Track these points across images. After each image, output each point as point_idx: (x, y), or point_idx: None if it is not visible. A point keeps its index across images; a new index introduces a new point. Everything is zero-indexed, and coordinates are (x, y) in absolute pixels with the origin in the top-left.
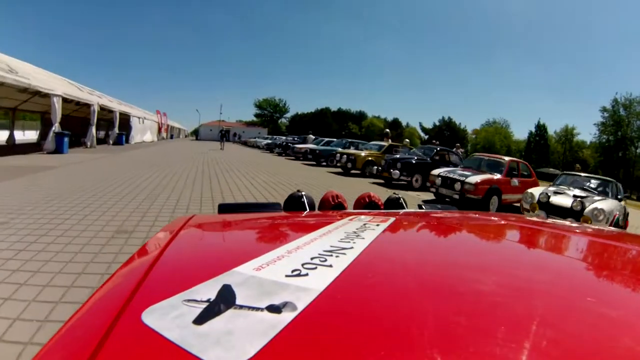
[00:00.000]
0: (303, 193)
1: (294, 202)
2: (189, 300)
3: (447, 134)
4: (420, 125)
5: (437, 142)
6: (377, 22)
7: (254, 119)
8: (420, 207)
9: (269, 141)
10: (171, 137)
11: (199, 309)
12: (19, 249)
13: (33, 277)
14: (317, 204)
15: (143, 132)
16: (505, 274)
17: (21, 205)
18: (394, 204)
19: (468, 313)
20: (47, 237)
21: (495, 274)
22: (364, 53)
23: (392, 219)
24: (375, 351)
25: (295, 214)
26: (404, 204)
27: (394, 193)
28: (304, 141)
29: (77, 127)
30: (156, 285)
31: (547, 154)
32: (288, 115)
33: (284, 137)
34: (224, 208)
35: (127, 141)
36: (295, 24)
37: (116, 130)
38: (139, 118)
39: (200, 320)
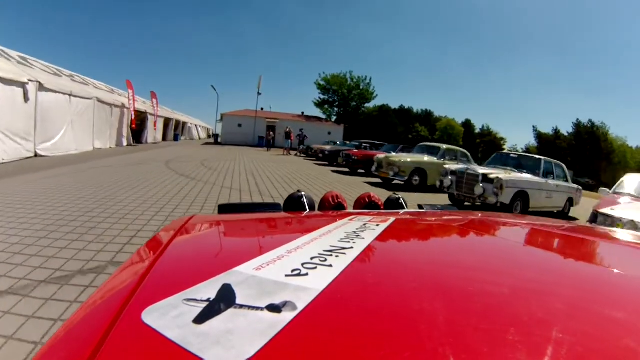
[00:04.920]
0: (303, 193)
1: (294, 203)
2: (189, 300)
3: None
4: (535, 129)
5: None
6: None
7: (306, 112)
8: (420, 207)
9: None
10: (175, 138)
11: (199, 308)
12: None
13: None
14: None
15: (50, 127)
16: (506, 274)
17: None
18: (394, 204)
19: (468, 313)
20: None
21: (496, 273)
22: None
23: (392, 219)
24: (376, 351)
25: (295, 214)
26: (404, 204)
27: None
28: None
29: None
30: (156, 284)
31: None
32: (371, 104)
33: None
34: (224, 208)
35: None
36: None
37: None
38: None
39: (200, 319)
